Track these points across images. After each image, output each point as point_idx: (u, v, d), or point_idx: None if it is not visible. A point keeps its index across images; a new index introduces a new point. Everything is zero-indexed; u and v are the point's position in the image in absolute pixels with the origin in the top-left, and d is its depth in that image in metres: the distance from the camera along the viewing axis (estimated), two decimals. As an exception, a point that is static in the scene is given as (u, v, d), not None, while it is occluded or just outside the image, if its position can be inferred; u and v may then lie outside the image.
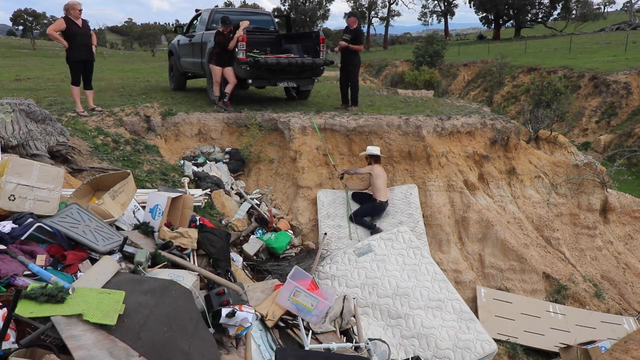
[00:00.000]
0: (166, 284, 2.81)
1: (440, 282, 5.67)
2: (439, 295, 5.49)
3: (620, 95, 17.34)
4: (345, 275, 5.74)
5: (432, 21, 58.12)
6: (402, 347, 5.05)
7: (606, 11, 56.40)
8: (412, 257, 5.92)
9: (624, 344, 1.99)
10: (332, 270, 5.81)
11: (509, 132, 8.09)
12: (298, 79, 8.34)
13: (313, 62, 7.90)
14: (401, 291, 5.49)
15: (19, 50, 36.89)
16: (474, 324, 5.25)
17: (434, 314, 5.31)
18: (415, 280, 5.65)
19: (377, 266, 5.80)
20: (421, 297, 5.47)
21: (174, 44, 10.14)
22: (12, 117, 4.49)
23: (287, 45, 8.81)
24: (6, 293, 2.36)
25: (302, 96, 9.36)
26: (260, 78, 7.83)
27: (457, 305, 5.42)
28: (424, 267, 5.82)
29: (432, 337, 5.05)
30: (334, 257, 5.98)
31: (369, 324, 5.25)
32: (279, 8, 47.49)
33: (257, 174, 7.52)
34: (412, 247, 6.02)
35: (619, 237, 7.85)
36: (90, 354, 2.04)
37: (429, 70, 22.46)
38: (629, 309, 6.77)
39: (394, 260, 5.87)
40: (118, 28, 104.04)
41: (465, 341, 5.01)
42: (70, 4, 6.65)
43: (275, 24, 9.46)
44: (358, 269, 5.79)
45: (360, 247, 6.07)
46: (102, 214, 3.55)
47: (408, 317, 5.27)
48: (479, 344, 5.01)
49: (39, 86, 10.57)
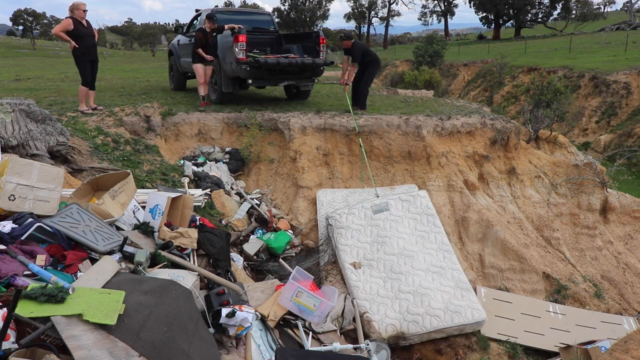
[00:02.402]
0: (166, 284, 2.81)
1: (445, 252, 5.95)
2: (441, 263, 5.80)
3: (620, 95, 17.33)
4: (359, 229, 6.07)
5: (432, 21, 58.17)
6: (397, 300, 5.37)
7: (606, 11, 56.42)
8: (424, 224, 6.19)
9: (624, 344, 1.99)
10: (348, 221, 6.12)
11: (509, 132, 8.09)
12: (298, 79, 8.38)
13: (313, 62, 7.91)
14: (407, 252, 5.83)
15: (19, 50, 36.89)
16: (469, 293, 5.49)
17: (433, 277, 5.62)
18: (422, 246, 5.97)
19: (389, 225, 6.11)
20: (424, 261, 5.78)
21: (174, 44, 10.13)
22: (12, 117, 4.49)
23: (287, 46, 8.82)
24: (6, 293, 2.36)
25: (302, 96, 9.37)
26: (260, 78, 7.83)
27: (456, 274, 5.70)
28: (433, 236, 6.10)
29: (427, 296, 5.33)
30: (351, 209, 6.26)
31: (371, 276, 5.62)
32: (278, 8, 47.48)
33: (257, 174, 7.52)
34: (427, 214, 6.27)
35: (619, 237, 7.84)
36: (90, 354, 2.04)
37: (429, 70, 22.44)
38: (629, 309, 6.76)
39: (407, 223, 6.18)
40: (118, 28, 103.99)
41: (457, 306, 5.28)
42: (75, 4, 6.65)
43: (275, 24, 9.50)
44: (372, 225, 6.12)
45: (378, 204, 6.30)
46: (102, 214, 3.55)
47: (408, 274, 5.59)
48: (470, 311, 5.27)
49: (39, 86, 10.57)
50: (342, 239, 6.02)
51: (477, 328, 5.40)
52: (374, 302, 5.32)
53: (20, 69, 17.39)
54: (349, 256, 5.89)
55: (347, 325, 4.82)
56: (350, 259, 5.86)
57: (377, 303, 5.32)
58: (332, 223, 6.21)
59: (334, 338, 4.26)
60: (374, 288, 5.50)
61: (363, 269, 5.71)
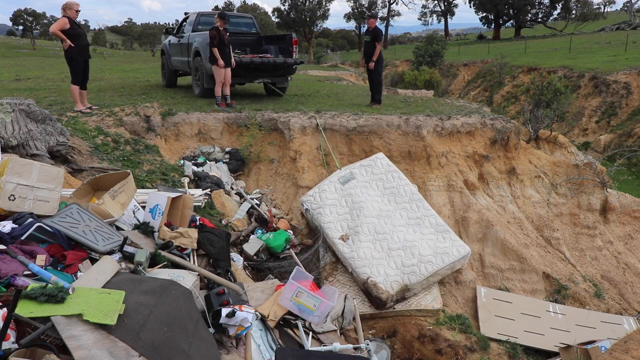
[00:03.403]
0: (166, 284, 2.81)
1: (417, 201, 6.43)
2: (416, 213, 6.31)
3: (620, 95, 17.33)
4: (334, 203, 6.44)
5: (432, 21, 58.17)
6: (391, 258, 5.81)
7: (606, 11, 56.39)
8: (390, 181, 6.66)
9: (624, 344, 1.99)
10: (323, 199, 6.47)
11: (509, 132, 8.09)
12: (272, 77, 9.21)
13: (284, 62, 8.68)
14: (384, 213, 6.30)
15: (19, 50, 36.87)
16: (449, 234, 6.09)
17: (414, 229, 6.14)
18: (395, 203, 6.45)
19: (360, 191, 6.54)
20: (401, 217, 6.28)
21: (166, 44, 10.91)
22: (12, 117, 4.49)
23: (266, 46, 9.66)
24: (6, 293, 2.36)
25: (280, 92, 9.87)
26: (237, 75, 8.49)
27: (433, 220, 6.24)
28: (402, 189, 6.56)
29: (415, 248, 5.86)
30: (321, 186, 6.62)
31: (360, 241, 5.97)
32: (278, 8, 47.45)
33: (257, 174, 7.52)
34: (390, 171, 6.73)
35: (619, 237, 7.84)
36: (90, 353, 2.04)
37: (429, 70, 22.45)
38: (629, 309, 6.76)
39: (375, 186, 6.63)
40: (118, 28, 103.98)
41: (443, 248, 5.89)
42: (68, 4, 6.65)
43: (257, 27, 10.28)
44: (345, 196, 6.51)
45: (343, 175, 6.71)
46: (102, 214, 3.55)
47: (392, 232, 6.07)
48: (455, 249, 5.90)
49: (39, 86, 10.56)
50: (323, 217, 6.31)
51: (464, 263, 6.07)
52: (372, 266, 5.70)
53: (20, 69, 17.39)
54: (335, 232, 6.17)
55: (347, 325, 4.82)
56: (337, 233, 6.14)
57: (375, 265, 5.70)
58: (307, 207, 6.47)
59: (334, 338, 4.26)
60: (367, 252, 5.84)
61: (351, 238, 6.03)
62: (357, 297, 5.54)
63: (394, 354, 4.99)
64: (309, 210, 6.43)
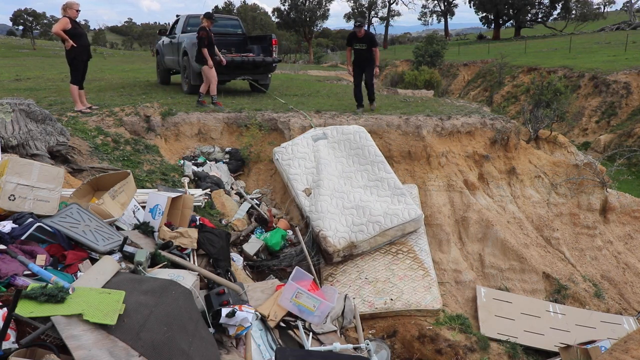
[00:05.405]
0: (166, 284, 2.81)
1: (379, 163, 6.62)
2: (377, 175, 6.51)
3: (620, 95, 17.32)
4: (304, 157, 6.76)
5: (432, 21, 58.17)
6: (344, 216, 6.06)
7: (606, 11, 56.39)
8: (357, 141, 6.86)
9: (624, 343, 1.99)
10: (294, 151, 6.81)
11: (509, 132, 8.08)
12: (253, 74, 9.86)
13: (263, 60, 9.29)
14: (345, 174, 6.60)
15: (19, 50, 36.85)
16: (405, 197, 6.24)
17: (372, 191, 6.39)
18: (358, 164, 6.69)
19: (328, 151, 6.84)
20: (361, 179, 6.55)
21: (160, 44, 11.58)
22: (12, 117, 4.49)
23: (251, 46, 10.30)
24: (6, 293, 2.36)
25: (263, 88, 10.35)
26: (220, 73, 8.70)
27: (392, 182, 6.42)
28: (367, 150, 6.76)
29: (368, 208, 6.06)
30: (295, 141, 6.96)
31: (319, 194, 6.26)
32: (278, 8, 47.45)
33: (257, 174, 7.51)
34: (358, 132, 6.97)
35: (618, 237, 7.84)
36: (90, 353, 2.04)
37: (429, 70, 22.45)
38: (629, 309, 6.76)
39: (343, 146, 6.89)
40: (118, 28, 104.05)
41: (395, 210, 6.03)
42: (68, 4, 6.65)
43: (243, 28, 10.89)
44: (314, 152, 6.81)
45: (317, 134, 7.05)
46: (102, 214, 3.55)
47: (350, 192, 6.34)
48: (406, 212, 6.01)
49: (39, 86, 10.56)
50: (291, 168, 6.63)
51: (416, 226, 6.12)
52: (326, 219, 5.94)
53: (20, 69, 17.39)
54: (300, 184, 6.48)
55: (347, 325, 4.82)
56: (301, 186, 6.46)
57: (328, 220, 5.94)
58: (278, 157, 6.81)
59: (334, 338, 4.26)
60: (324, 207, 6.09)
61: (313, 192, 6.33)
62: (357, 297, 5.54)
63: (394, 354, 4.99)
64: (278, 161, 6.79)
